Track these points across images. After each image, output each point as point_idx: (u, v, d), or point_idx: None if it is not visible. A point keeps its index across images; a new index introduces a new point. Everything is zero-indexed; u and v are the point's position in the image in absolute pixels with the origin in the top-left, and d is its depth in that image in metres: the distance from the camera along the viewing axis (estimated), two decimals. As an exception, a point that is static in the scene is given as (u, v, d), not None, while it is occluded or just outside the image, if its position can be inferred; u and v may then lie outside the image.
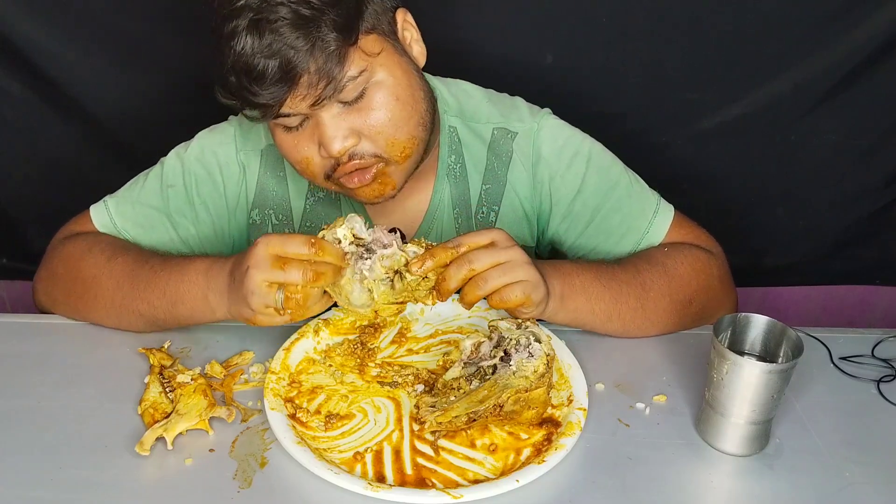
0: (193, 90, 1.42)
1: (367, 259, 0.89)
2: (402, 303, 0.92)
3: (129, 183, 1.14)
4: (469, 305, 0.91)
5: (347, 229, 0.89)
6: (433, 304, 0.93)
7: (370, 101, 0.95)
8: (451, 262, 0.89)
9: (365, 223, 0.91)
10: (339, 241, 0.89)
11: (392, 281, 0.89)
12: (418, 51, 1.02)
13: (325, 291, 0.89)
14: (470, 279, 0.89)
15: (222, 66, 0.90)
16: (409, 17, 1.01)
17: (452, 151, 1.12)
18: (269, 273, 0.85)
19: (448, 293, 0.90)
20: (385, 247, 0.89)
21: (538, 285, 0.91)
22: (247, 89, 0.89)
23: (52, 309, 1.10)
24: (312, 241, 0.86)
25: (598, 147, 1.14)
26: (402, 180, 1.02)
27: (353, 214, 0.91)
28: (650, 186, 1.16)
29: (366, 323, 1.04)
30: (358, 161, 0.96)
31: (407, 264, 0.89)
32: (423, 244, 0.91)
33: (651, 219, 1.11)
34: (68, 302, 1.07)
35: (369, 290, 0.89)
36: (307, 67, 0.88)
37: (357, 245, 0.89)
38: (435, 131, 1.07)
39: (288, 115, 0.93)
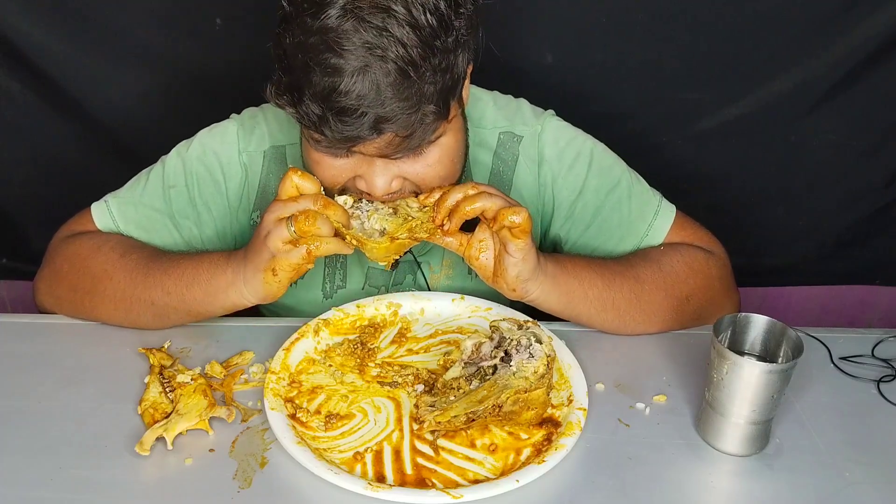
0: (194, 90, 1.43)
1: (370, 203, 0.96)
2: (410, 230, 0.94)
3: (130, 182, 1.14)
4: (461, 217, 0.92)
5: (346, 196, 0.96)
6: (436, 229, 0.94)
7: (428, 158, 0.95)
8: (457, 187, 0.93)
9: None
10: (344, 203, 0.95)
11: (395, 211, 0.95)
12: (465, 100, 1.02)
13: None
14: (472, 195, 0.92)
15: (305, 82, 0.84)
16: None
17: None
18: (282, 208, 0.90)
19: (447, 208, 0.92)
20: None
21: (533, 247, 0.94)
22: (328, 123, 0.85)
23: (56, 308, 1.10)
24: (319, 198, 0.90)
25: (600, 147, 1.14)
26: None
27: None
28: (650, 186, 1.16)
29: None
30: (390, 197, 0.97)
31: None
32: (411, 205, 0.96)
33: (652, 219, 1.11)
34: (74, 299, 1.07)
35: (381, 229, 0.94)
36: (399, 131, 0.87)
37: (358, 201, 0.97)
38: None
39: (342, 155, 0.93)
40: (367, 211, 0.95)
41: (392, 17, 0.81)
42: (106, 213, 1.11)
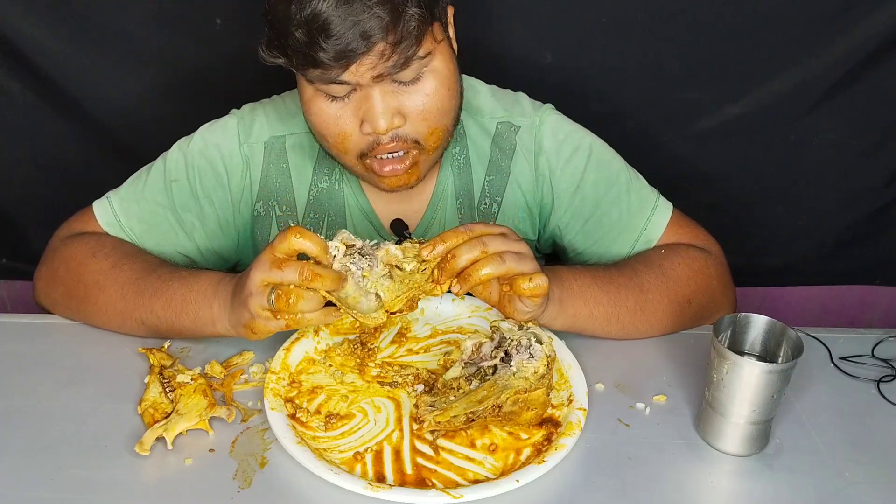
0: (193, 90, 1.43)
1: (366, 259, 0.88)
2: (410, 300, 0.90)
3: (131, 178, 1.14)
4: (473, 285, 0.87)
5: (338, 240, 0.87)
6: (440, 293, 0.89)
7: (424, 86, 0.95)
8: (462, 244, 0.87)
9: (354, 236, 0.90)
10: (334, 257, 0.87)
11: (391, 275, 0.88)
12: (455, 47, 1.03)
13: (330, 304, 0.88)
14: (482, 259, 0.86)
15: (287, 19, 0.87)
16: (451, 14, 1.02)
17: (457, 143, 1.13)
18: (268, 273, 0.84)
19: (453, 272, 0.86)
20: (378, 246, 0.89)
21: (544, 276, 0.89)
22: (317, 46, 0.87)
23: (53, 309, 1.10)
24: (305, 269, 0.83)
25: (598, 143, 1.15)
26: (426, 170, 1.04)
27: (341, 229, 0.89)
28: (648, 184, 1.16)
29: (385, 329, 1.03)
30: (396, 143, 0.97)
31: (399, 263, 0.88)
32: (417, 242, 0.89)
33: (649, 215, 1.12)
34: (69, 305, 1.07)
35: (375, 293, 0.88)
36: (385, 38, 0.88)
37: (351, 253, 0.88)
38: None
39: (341, 83, 0.92)
40: (362, 269, 0.87)
41: None
42: (108, 210, 1.11)
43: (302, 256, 0.85)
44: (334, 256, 0.86)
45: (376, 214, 1.13)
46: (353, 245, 0.88)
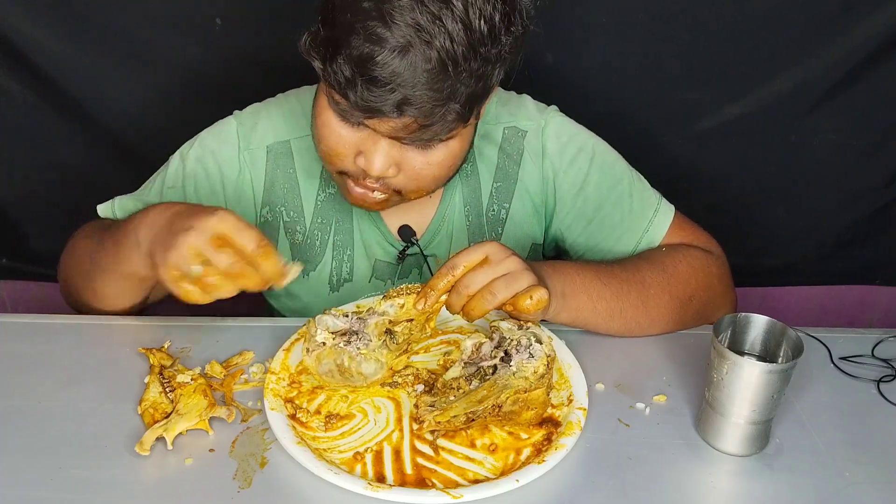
0: (194, 90, 1.43)
1: (357, 337, 0.91)
2: (406, 351, 0.95)
3: (145, 184, 1.15)
4: (474, 319, 0.91)
5: (323, 330, 0.91)
6: (434, 335, 0.95)
7: (431, 156, 0.94)
8: (450, 291, 0.89)
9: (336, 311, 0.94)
10: (324, 344, 0.90)
11: (386, 342, 0.92)
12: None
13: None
14: (476, 295, 0.89)
15: (342, 42, 0.83)
16: None
17: None
18: (204, 245, 0.82)
19: (458, 308, 0.90)
20: (363, 320, 0.93)
21: (543, 288, 0.90)
22: (354, 87, 0.85)
23: (72, 300, 1.12)
24: (263, 243, 0.83)
25: (602, 145, 1.15)
26: (392, 206, 1.04)
27: (318, 315, 0.92)
28: (650, 186, 1.16)
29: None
30: (380, 185, 0.97)
31: (391, 323, 0.92)
32: (401, 292, 0.93)
33: (652, 217, 1.12)
34: (76, 284, 1.08)
35: (376, 359, 0.91)
36: (419, 118, 0.87)
37: (339, 336, 0.91)
38: None
39: (357, 122, 0.92)
40: (359, 349, 0.90)
41: (449, 9, 0.82)
42: (108, 207, 1.12)
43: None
44: (324, 343, 0.90)
45: (383, 220, 1.13)
46: (338, 329, 0.92)
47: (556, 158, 1.12)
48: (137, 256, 0.92)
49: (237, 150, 1.11)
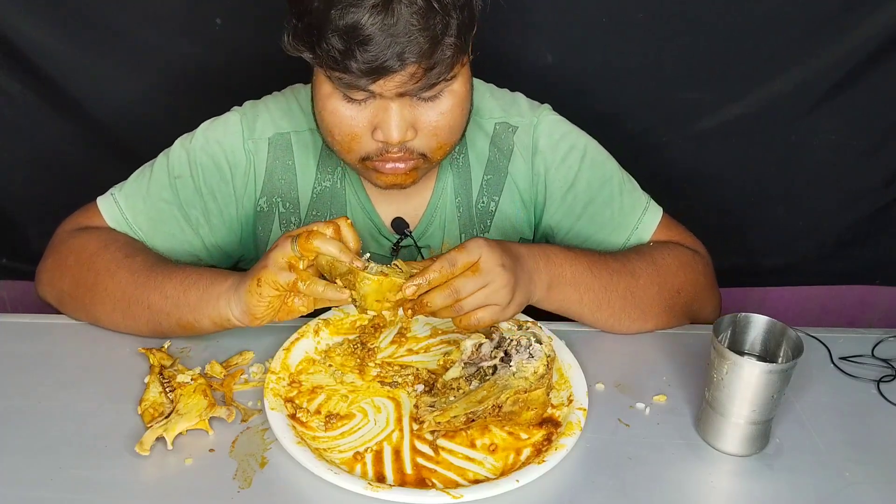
0: (194, 90, 1.43)
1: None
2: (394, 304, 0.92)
3: (134, 175, 1.13)
4: (441, 318, 0.93)
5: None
6: (407, 319, 0.96)
7: (440, 104, 0.96)
8: (438, 286, 0.89)
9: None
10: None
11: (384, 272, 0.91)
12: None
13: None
14: (465, 315, 0.91)
15: (325, 21, 0.86)
16: None
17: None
18: (297, 231, 0.89)
19: (426, 313, 0.91)
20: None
21: (506, 308, 0.92)
22: (352, 56, 0.86)
23: (57, 302, 1.09)
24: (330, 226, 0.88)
25: (593, 143, 1.16)
26: (423, 175, 1.05)
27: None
28: (650, 186, 1.17)
29: (385, 328, 1.04)
30: (404, 154, 0.98)
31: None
32: (402, 268, 0.92)
33: (641, 216, 1.14)
34: (76, 294, 1.06)
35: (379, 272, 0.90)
36: (420, 62, 0.88)
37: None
38: None
39: (364, 90, 0.92)
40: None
41: None
42: (114, 207, 1.10)
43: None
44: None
45: (377, 213, 1.13)
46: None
47: (547, 155, 1.13)
48: (220, 308, 0.95)
49: (242, 140, 1.11)
